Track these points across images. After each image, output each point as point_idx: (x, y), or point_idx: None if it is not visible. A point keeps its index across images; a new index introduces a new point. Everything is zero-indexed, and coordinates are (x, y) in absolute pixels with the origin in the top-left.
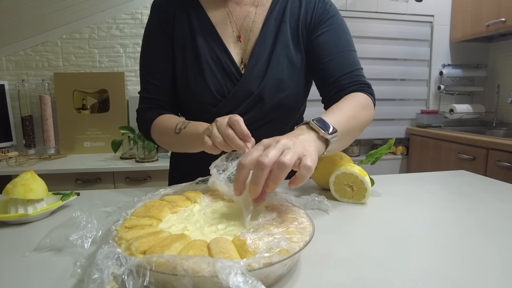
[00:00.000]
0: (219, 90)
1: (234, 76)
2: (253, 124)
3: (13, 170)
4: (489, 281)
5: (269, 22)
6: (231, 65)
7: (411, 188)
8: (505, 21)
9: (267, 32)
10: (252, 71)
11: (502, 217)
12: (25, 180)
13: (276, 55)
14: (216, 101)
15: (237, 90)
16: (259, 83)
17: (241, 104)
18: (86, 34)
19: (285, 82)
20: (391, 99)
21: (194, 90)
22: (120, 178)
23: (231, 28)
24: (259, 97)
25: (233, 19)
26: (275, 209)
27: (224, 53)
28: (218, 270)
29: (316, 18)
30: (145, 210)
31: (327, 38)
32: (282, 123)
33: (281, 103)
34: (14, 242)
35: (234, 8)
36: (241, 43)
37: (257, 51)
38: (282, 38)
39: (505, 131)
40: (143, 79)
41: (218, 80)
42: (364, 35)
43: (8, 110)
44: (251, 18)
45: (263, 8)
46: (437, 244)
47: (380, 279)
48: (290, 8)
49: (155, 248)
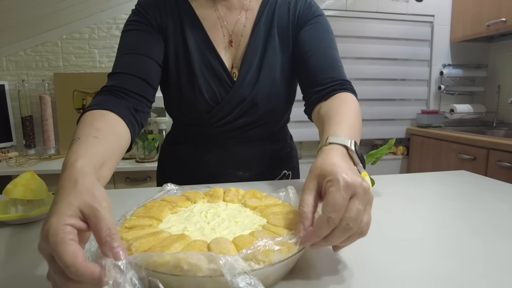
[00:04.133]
0: (213, 97)
1: (226, 83)
2: (245, 127)
3: (13, 170)
4: (490, 281)
5: (259, 27)
6: (223, 72)
7: (412, 188)
8: (505, 21)
9: (257, 37)
10: (245, 78)
11: (502, 217)
12: (25, 180)
13: (267, 61)
14: (210, 108)
15: (230, 97)
16: (251, 90)
17: (234, 109)
18: (86, 34)
19: (277, 88)
20: (392, 99)
21: (187, 97)
22: (120, 178)
23: (222, 33)
24: (251, 103)
25: (224, 23)
26: (280, 205)
27: (217, 59)
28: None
29: (301, 18)
30: (145, 211)
31: (310, 34)
32: (273, 125)
33: (273, 108)
34: (14, 242)
35: (225, 13)
36: (231, 49)
37: (248, 57)
38: (272, 44)
39: (506, 131)
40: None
41: (212, 87)
42: (364, 35)
43: (8, 110)
44: (241, 23)
45: (252, 12)
46: (437, 244)
47: (380, 279)
48: (279, 12)
49: (155, 248)
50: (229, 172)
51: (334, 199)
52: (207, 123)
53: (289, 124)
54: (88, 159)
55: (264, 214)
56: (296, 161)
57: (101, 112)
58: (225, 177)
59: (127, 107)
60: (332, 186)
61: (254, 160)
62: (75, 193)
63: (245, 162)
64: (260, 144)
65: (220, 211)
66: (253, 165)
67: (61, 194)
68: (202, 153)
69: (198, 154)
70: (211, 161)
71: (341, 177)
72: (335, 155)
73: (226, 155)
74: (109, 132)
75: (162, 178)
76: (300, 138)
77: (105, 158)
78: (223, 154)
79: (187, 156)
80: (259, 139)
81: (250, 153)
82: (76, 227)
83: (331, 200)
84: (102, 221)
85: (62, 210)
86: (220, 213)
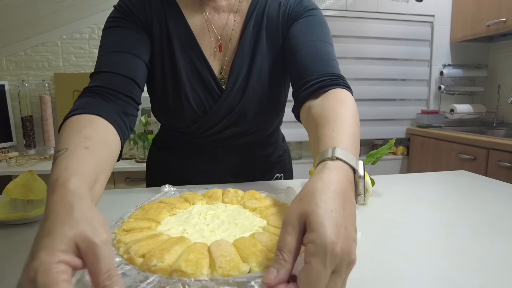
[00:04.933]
0: (200, 106)
1: (215, 91)
2: (235, 137)
3: (13, 170)
4: (490, 281)
5: (247, 31)
6: (211, 79)
7: (412, 188)
8: (505, 21)
9: (246, 42)
10: (233, 87)
11: (502, 217)
12: (25, 180)
13: (256, 69)
14: (197, 117)
15: (219, 107)
16: (240, 99)
17: (222, 119)
18: (86, 34)
19: (266, 96)
20: (392, 99)
21: (173, 104)
22: (120, 178)
23: (210, 37)
24: (240, 112)
25: (212, 27)
26: (280, 206)
27: (204, 65)
28: None
29: (291, 15)
30: (143, 213)
31: (300, 28)
32: (263, 132)
33: (263, 117)
34: (14, 242)
35: (213, 15)
36: (220, 54)
37: (237, 64)
38: (260, 48)
39: (506, 131)
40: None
41: (199, 96)
42: (364, 35)
43: (8, 110)
44: (230, 27)
45: (241, 14)
46: (437, 244)
47: (380, 279)
48: (268, 11)
49: (155, 251)
50: (218, 179)
51: (314, 276)
52: (195, 132)
53: (289, 124)
54: (81, 177)
55: (264, 216)
56: (288, 162)
57: (89, 117)
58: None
59: (116, 111)
60: (316, 257)
61: (245, 167)
62: (71, 223)
63: (235, 170)
64: (251, 151)
65: (219, 212)
66: (243, 172)
67: (54, 222)
68: (191, 160)
69: (186, 161)
70: (200, 168)
71: (329, 245)
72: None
73: (216, 162)
74: (99, 142)
75: (151, 183)
76: (300, 138)
77: (97, 174)
78: (212, 161)
79: (175, 163)
80: (249, 146)
81: (241, 160)
82: (70, 265)
83: (312, 277)
84: (101, 260)
85: (55, 243)
86: (219, 214)
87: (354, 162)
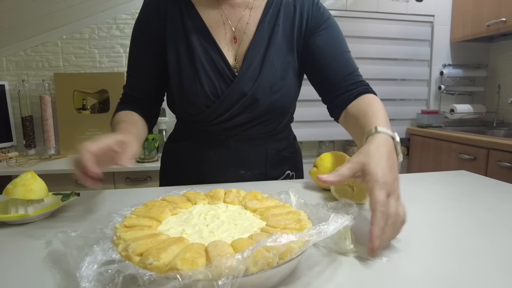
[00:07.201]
0: (213, 91)
1: (228, 77)
2: (247, 124)
3: (13, 170)
4: (490, 281)
5: (263, 25)
6: (224, 66)
7: (412, 188)
8: (505, 21)
9: (260, 35)
10: (246, 73)
11: (502, 217)
12: (26, 180)
13: (269, 58)
14: (210, 102)
15: (231, 91)
16: (253, 85)
17: (234, 105)
18: (86, 34)
19: (278, 84)
20: (392, 99)
21: (188, 91)
22: (120, 178)
23: (225, 30)
24: (252, 98)
25: (227, 21)
26: (281, 207)
27: (218, 54)
28: None
29: (312, 21)
30: (145, 210)
31: (324, 40)
32: (274, 123)
33: (275, 105)
34: (14, 242)
35: (228, 10)
36: (235, 45)
37: (250, 54)
38: (275, 41)
39: (506, 131)
40: (127, 74)
41: (212, 81)
42: (364, 35)
43: (8, 110)
44: (245, 21)
45: (257, 11)
46: (437, 244)
47: (380, 279)
48: (284, 12)
49: (152, 250)
50: (230, 171)
51: (377, 197)
52: (207, 118)
53: None
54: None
55: (264, 217)
56: (300, 162)
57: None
58: (227, 176)
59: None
60: (375, 186)
61: (256, 159)
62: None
63: (247, 161)
64: (263, 143)
65: (219, 213)
66: (255, 164)
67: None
68: (204, 150)
69: (199, 152)
70: (213, 159)
71: (381, 178)
72: (383, 146)
73: (228, 153)
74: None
75: (164, 176)
76: (300, 138)
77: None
78: (224, 152)
79: (188, 154)
80: (261, 137)
81: (252, 151)
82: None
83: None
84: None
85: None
86: (219, 215)
87: (391, 133)
